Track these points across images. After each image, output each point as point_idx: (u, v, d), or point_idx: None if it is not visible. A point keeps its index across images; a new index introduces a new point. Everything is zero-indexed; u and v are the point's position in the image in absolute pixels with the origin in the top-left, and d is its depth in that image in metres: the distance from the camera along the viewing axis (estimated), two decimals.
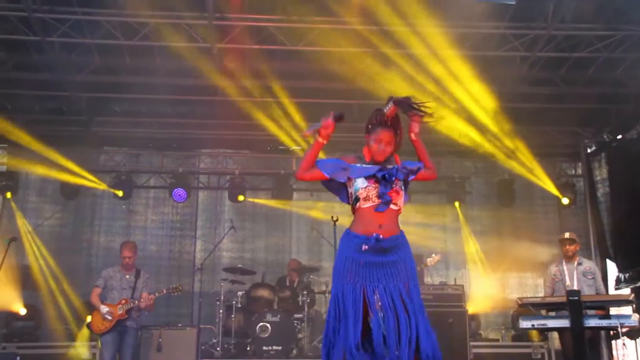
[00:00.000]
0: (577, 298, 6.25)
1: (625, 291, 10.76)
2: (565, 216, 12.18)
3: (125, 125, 11.42)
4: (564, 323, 6.33)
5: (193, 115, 11.20)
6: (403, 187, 4.04)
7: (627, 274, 10.96)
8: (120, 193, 11.40)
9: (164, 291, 7.84)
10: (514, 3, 5.99)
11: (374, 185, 3.96)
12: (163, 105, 10.88)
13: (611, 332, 7.62)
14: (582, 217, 11.99)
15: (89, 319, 7.61)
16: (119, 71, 9.93)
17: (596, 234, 11.70)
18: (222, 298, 9.42)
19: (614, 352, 9.25)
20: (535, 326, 6.54)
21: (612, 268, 11.30)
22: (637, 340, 9.69)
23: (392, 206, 3.95)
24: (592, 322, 6.25)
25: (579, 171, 12.54)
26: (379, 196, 3.94)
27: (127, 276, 7.67)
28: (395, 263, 3.92)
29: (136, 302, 7.49)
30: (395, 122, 4.06)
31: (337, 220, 5.91)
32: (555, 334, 9.96)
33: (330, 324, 3.92)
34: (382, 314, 3.82)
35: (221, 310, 9.30)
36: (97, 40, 8.88)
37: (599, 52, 9.19)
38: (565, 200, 12.01)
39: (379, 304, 3.83)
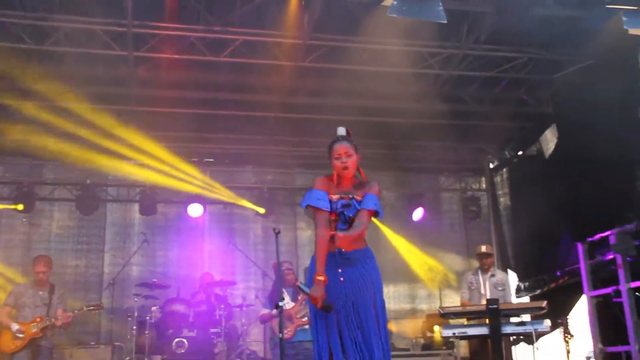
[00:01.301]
0: (495, 306, 6.55)
1: (525, 299, 11.37)
2: (471, 229, 12.70)
3: (27, 133, 10.84)
4: (483, 331, 6.61)
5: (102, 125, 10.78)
6: None
7: (526, 283, 11.59)
8: (20, 207, 10.78)
9: (84, 308, 7.46)
10: (445, 21, 6.20)
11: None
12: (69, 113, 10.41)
13: (511, 338, 8.01)
14: (485, 229, 12.57)
15: None
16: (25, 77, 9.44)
17: (498, 245, 12.30)
18: (135, 314, 9.09)
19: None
20: (457, 334, 6.79)
21: (513, 277, 11.88)
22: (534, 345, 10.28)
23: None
24: (509, 329, 6.57)
25: (483, 186, 13.14)
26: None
27: (41, 292, 7.26)
28: None
29: (52, 320, 7.10)
30: (345, 137, 4.37)
31: (279, 232, 5.82)
32: (464, 343, 10.45)
33: None
34: None
35: (134, 327, 8.97)
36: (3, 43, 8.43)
37: (505, 73, 9.71)
38: (469, 215, 12.58)
39: None
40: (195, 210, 11.22)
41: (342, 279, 4.09)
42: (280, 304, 5.84)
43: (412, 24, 7.66)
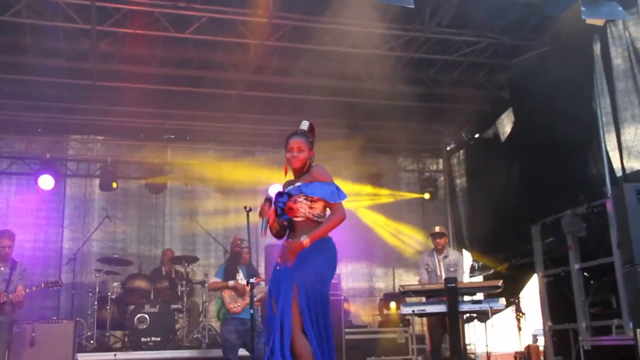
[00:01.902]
0: (454, 285, 6.79)
1: (479, 279, 11.72)
2: (428, 209, 12.98)
3: None
4: (442, 308, 6.86)
5: (62, 99, 10.66)
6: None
7: (480, 263, 11.93)
8: None
9: (42, 285, 7.41)
10: (412, 6, 6.32)
11: None
12: (30, 87, 10.24)
13: (465, 316, 8.28)
14: (442, 210, 12.86)
15: None
16: None
17: (454, 226, 12.61)
18: (96, 289, 9.10)
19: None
20: (416, 312, 7.03)
21: (467, 257, 12.21)
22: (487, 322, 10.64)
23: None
24: (466, 307, 6.83)
25: (440, 167, 13.42)
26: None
27: (2, 268, 7.20)
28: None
29: (10, 295, 7.05)
30: (304, 132, 4.51)
31: (250, 210, 5.93)
32: (418, 320, 10.77)
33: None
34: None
35: (96, 302, 8.98)
36: None
37: (465, 57, 9.91)
38: (426, 195, 12.85)
39: None
40: (155, 187, 11.19)
41: (278, 267, 4.33)
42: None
43: (377, 6, 7.78)
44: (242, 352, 7.46)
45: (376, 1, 7.15)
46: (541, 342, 9.99)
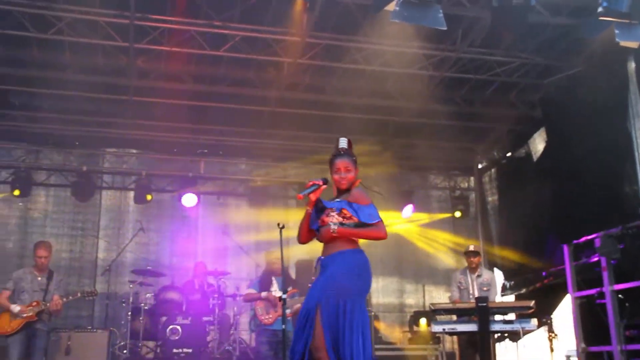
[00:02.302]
0: (485, 304, 6.78)
1: (510, 298, 11.63)
2: (459, 227, 12.94)
3: (24, 119, 10.97)
4: (472, 327, 6.85)
5: (98, 113, 10.93)
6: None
7: (512, 282, 11.84)
8: (16, 192, 10.91)
9: (79, 294, 7.64)
10: (445, 28, 6.38)
11: None
12: (68, 101, 10.53)
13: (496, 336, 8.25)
14: (473, 228, 12.81)
15: None
16: (24, 64, 9.53)
17: (485, 244, 12.55)
18: (130, 300, 9.27)
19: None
20: (446, 330, 7.03)
21: (499, 276, 12.13)
22: (518, 342, 10.56)
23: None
24: (497, 327, 6.82)
25: (472, 185, 13.39)
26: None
27: (39, 278, 7.43)
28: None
29: (47, 304, 7.27)
30: (347, 151, 4.49)
31: (283, 227, 6.03)
32: (449, 338, 10.71)
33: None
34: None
35: (129, 312, 9.14)
36: (5, 30, 8.52)
37: (497, 76, 9.93)
38: (457, 213, 12.82)
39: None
40: (189, 200, 11.37)
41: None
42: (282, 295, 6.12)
43: (409, 26, 7.85)
44: None
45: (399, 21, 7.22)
46: None
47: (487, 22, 8.12)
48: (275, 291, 7.69)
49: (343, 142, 4.53)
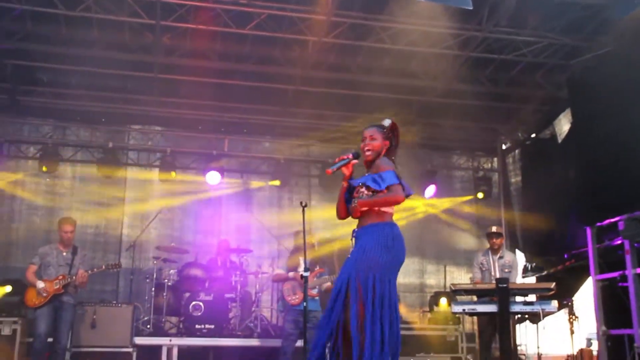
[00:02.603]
0: (505, 285, 6.79)
1: (532, 280, 11.60)
2: (481, 207, 12.89)
3: (52, 96, 11.13)
4: (492, 308, 6.86)
5: (124, 90, 11.03)
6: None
7: (534, 264, 11.79)
8: (44, 168, 11.08)
9: (103, 267, 7.80)
10: (471, 8, 6.34)
11: None
12: (94, 78, 10.64)
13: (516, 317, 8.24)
14: (496, 208, 12.76)
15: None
16: (52, 40, 9.62)
17: (508, 225, 12.50)
18: (154, 276, 9.42)
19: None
20: (466, 310, 7.05)
21: (520, 258, 12.10)
22: (538, 324, 10.57)
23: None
24: (517, 308, 6.82)
25: (495, 166, 13.31)
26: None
27: (64, 253, 7.56)
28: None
29: (73, 277, 7.42)
30: (379, 124, 4.50)
31: (305, 205, 6.08)
32: (469, 319, 10.74)
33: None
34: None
35: (153, 288, 9.29)
36: (34, 7, 8.62)
37: (524, 57, 9.83)
38: (480, 195, 12.76)
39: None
40: (213, 177, 11.46)
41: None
42: (304, 272, 6.19)
43: (435, 5, 7.81)
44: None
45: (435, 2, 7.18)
46: (595, 346, 9.86)
47: (512, 2, 8.04)
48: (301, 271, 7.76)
49: (386, 122, 4.54)
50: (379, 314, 4.01)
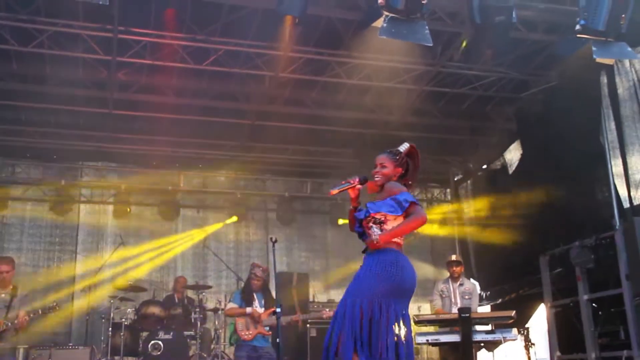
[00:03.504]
0: (468, 315, 6.91)
1: (486, 308, 11.78)
2: (436, 238, 13.08)
3: (1, 133, 10.84)
4: (455, 338, 6.97)
5: (78, 127, 10.86)
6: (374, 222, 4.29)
7: (488, 292, 12.01)
8: None
9: (40, 312, 7.21)
10: (430, 44, 6.54)
11: None
12: (46, 114, 10.46)
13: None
14: (450, 239, 12.96)
15: None
16: (3, 77, 9.45)
17: (462, 255, 12.69)
18: (110, 315, 9.18)
19: None
20: (430, 341, 7.13)
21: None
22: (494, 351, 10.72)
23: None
24: (480, 337, 6.95)
25: (448, 197, 13.57)
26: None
27: (3, 295, 7.09)
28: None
29: (9, 323, 6.91)
30: (393, 150, 4.49)
31: (275, 241, 6.06)
32: (427, 348, 10.81)
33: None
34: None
35: (110, 328, 9.05)
36: None
37: (475, 90, 10.13)
38: (434, 226, 12.96)
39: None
40: (169, 214, 11.33)
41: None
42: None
43: (391, 41, 7.97)
44: None
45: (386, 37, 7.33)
46: None
47: (466, 37, 8.29)
48: (257, 308, 7.73)
49: (402, 145, 4.53)
50: (378, 339, 3.98)
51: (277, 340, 5.49)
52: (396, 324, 4.06)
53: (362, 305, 4.05)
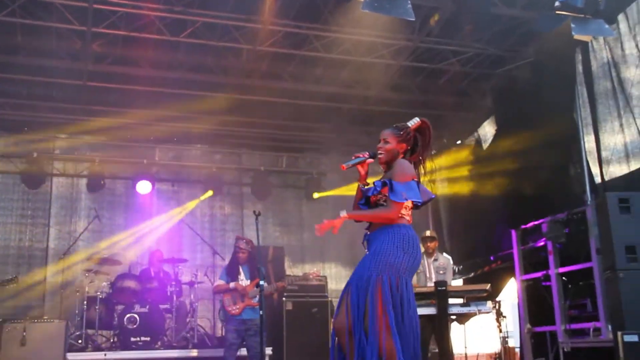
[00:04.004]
0: (444, 289, 7.02)
1: (459, 282, 11.98)
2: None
3: None
4: (431, 311, 7.08)
5: (51, 99, 10.65)
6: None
7: (460, 267, 12.20)
8: None
9: None
10: (413, 19, 6.53)
11: None
12: (18, 85, 10.25)
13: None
14: (423, 214, 13.07)
15: None
16: None
17: (435, 229, 12.82)
18: (85, 289, 9.14)
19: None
20: None
21: None
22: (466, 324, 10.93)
23: None
24: (455, 310, 7.08)
25: (422, 172, 13.61)
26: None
27: None
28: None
29: None
30: (398, 125, 4.37)
31: (259, 214, 6.06)
32: None
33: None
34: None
35: (85, 302, 9.01)
36: None
37: (452, 66, 10.16)
38: None
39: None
40: (144, 187, 11.25)
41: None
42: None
43: (370, 14, 7.94)
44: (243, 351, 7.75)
45: (369, 11, 7.30)
46: (511, 343, 10.32)
47: (445, 13, 8.31)
48: (243, 281, 7.78)
49: (412, 120, 4.39)
50: (396, 315, 3.91)
51: (260, 312, 5.51)
52: None
53: (390, 280, 3.97)
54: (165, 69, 10.00)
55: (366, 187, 4.32)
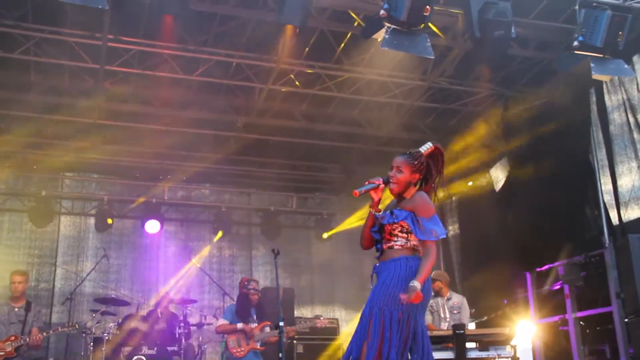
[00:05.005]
0: (462, 332, 6.80)
1: (471, 325, 11.72)
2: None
3: None
4: (449, 355, 6.84)
5: (60, 137, 10.60)
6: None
7: (473, 310, 11.95)
8: None
9: (59, 329, 7.29)
10: (432, 57, 6.50)
11: None
12: (28, 123, 10.18)
13: None
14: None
15: None
16: None
17: (446, 271, 12.61)
18: (92, 330, 8.93)
19: None
20: None
21: None
22: None
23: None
24: (474, 354, 6.84)
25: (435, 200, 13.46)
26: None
27: (16, 309, 7.06)
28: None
29: (27, 338, 6.88)
30: (412, 153, 4.22)
31: (278, 253, 5.91)
32: None
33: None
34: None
35: (91, 343, 8.79)
36: None
37: (464, 106, 10.12)
38: None
39: None
40: (152, 226, 11.12)
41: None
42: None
43: (381, 54, 7.93)
44: None
45: (383, 49, 7.27)
46: None
47: (459, 53, 8.29)
48: (250, 323, 7.60)
49: (425, 146, 4.29)
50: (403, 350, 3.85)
51: (280, 355, 5.33)
52: None
53: (393, 313, 3.86)
54: (177, 107, 9.96)
55: (379, 213, 4.14)
